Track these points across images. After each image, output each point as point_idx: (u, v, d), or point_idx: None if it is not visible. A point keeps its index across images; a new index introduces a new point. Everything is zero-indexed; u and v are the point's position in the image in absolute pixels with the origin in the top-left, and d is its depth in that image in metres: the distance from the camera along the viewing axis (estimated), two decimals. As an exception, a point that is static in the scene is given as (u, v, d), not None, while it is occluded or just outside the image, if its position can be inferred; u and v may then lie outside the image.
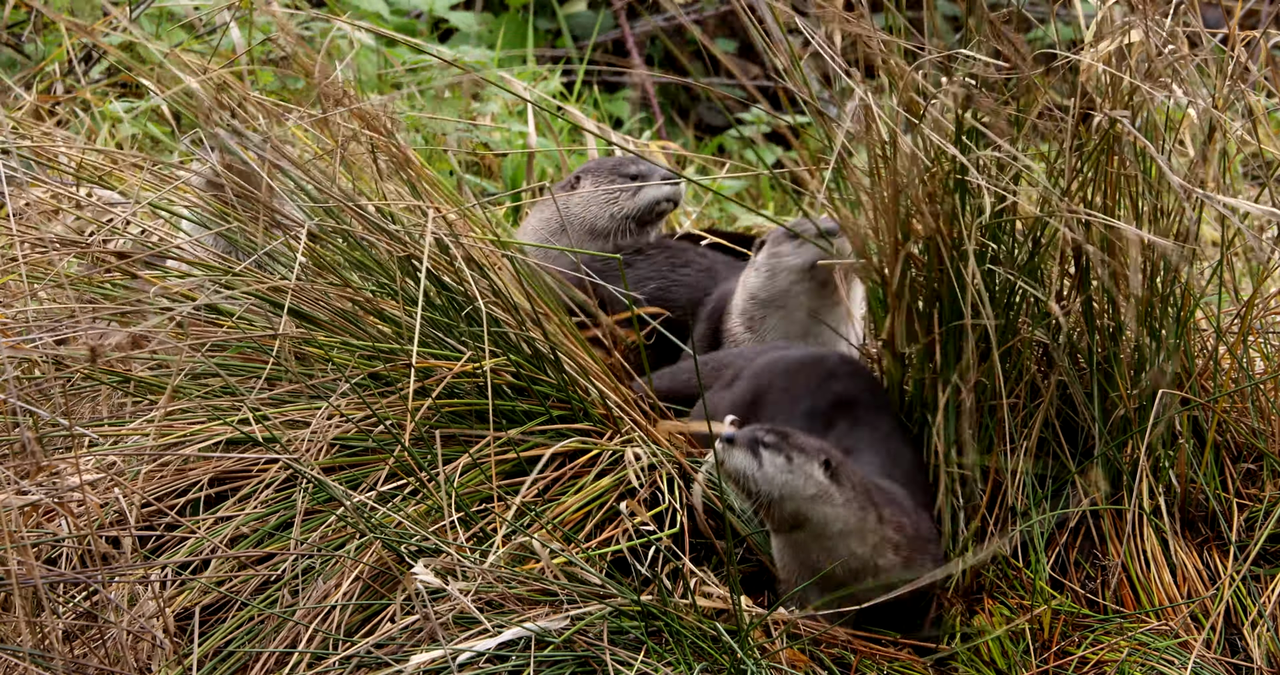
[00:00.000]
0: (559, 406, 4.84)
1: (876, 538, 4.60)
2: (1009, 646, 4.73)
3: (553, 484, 4.75)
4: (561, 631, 4.34)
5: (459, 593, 4.29)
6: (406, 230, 4.79)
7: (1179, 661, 4.67)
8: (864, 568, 4.61)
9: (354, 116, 4.86)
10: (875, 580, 4.62)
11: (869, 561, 4.61)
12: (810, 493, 4.54)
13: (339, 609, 4.44)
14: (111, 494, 4.54)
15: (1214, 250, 5.24)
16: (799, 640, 4.59)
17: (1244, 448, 4.98)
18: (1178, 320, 4.86)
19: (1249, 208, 4.55)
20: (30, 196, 4.89)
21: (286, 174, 4.84)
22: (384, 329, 4.83)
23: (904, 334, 4.90)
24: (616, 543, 4.65)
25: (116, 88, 7.33)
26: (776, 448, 4.53)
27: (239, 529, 4.60)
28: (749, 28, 4.89)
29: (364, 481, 4.66)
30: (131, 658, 4.41)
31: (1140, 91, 4.70)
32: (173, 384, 4.58)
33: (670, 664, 4.38)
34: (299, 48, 4.97)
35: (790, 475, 4.53)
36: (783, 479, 4.53)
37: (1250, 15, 4.93)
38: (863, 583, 4.62)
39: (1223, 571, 4.83)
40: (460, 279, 4.77)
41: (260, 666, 4.43)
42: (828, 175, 4.91)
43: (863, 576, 4.62)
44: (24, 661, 4.28)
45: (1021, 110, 4.81)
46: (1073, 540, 4.92)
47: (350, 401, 4.73)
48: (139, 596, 4.49)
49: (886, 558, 4.62)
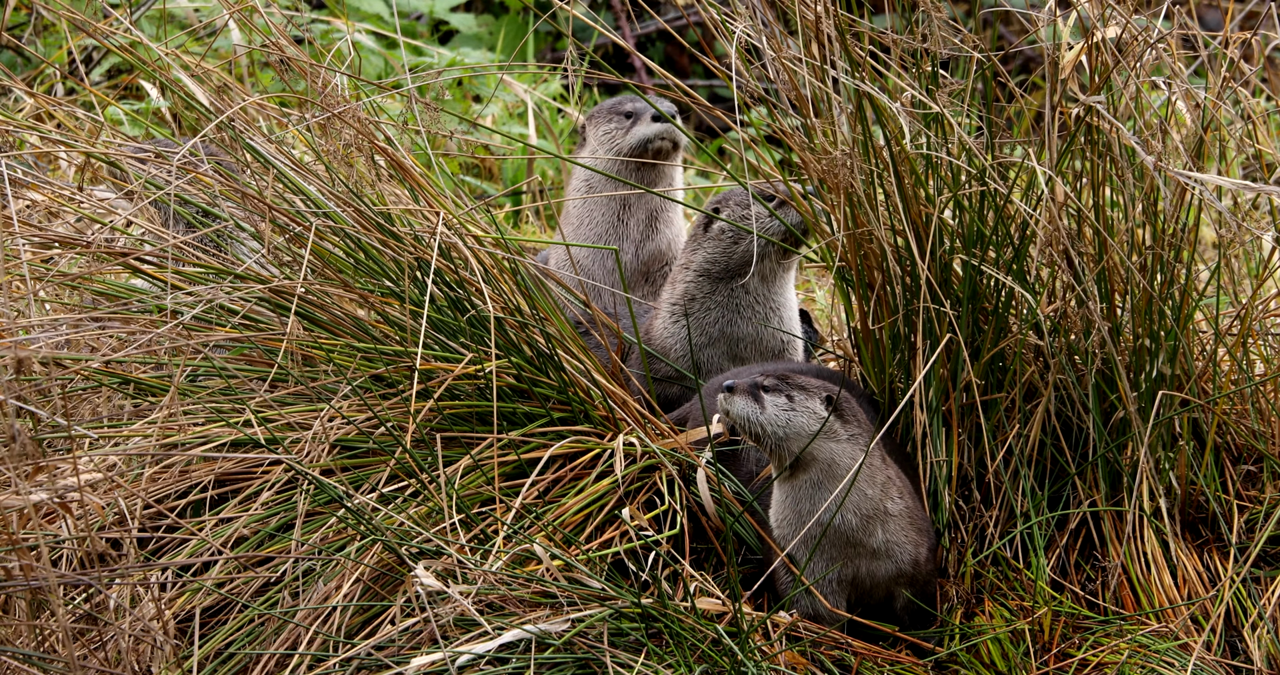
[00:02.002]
0: (560, 408, 4.84)
1: (883, 477, 4.66)
2: (1009, 648, 4.73)
3: (553, 486, 4.75)
4: (562, 634, 4.35)
5: (459, 595, 4.29)
6: (411, 233, 4.79)
7: (1179, 663, 4.67)
8: (875, 512, 4.65)
9: (353, 121, 4.86)
10: (885, 533, 4.65)
11: (879, 504, 4.65)
12: (814, 428, 4.60)
13: (339, 611, 4.44)
14: (112, 496, 4.54)
15: (1213, 252, 5.25)
16: (799, 642, 4.59)
17: (1244, 450, 4.98)
18: (1177, 320, 4.86)
19: (1220, 182, 4.55)
20: (30, 197, 4.89)
21: (285, 177, 4.85)
22: (386, 331, 4.84)
23: (872, 315, 4.95)
24: (617, 544, 4.65)
25: (117, 89, 7.33)
26: (777, 389, 4.61)
27: (240, 531, 4.60)
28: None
29: (365, 483, 4.66)
30: (132, 659, 4.41)
31: (1114, 78, 4.72)
32: (175, 385, 4.59)
33: (670, 666, 4.39)
34: (295, 50, 4.97)
35: (793, 413, 4.61)
36: (786, 418, 4.60)
37: (1253, 18, 4.94)
38: (872, 537, 4.65)
39: (1223, 573, 4.83)
40: (462, 281, 4.77)
41: (261, 668, 4.43)
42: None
43: (873, 526, 4.65)
44: (25, 664, 4.28)
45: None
46: (1073, 542, 4.92)
47: (352, 403, 4.73)
48: (140, 598, 4.49)
49: (894, 502, 4.67)
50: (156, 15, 7.50)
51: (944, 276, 4.88)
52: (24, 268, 4.61)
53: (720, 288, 5.24)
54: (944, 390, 4.90)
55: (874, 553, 4.67)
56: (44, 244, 4.79)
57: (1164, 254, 4.85)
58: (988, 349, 4.90)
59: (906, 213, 4.85)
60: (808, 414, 4.62)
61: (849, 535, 4.65)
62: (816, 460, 4.63)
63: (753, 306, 5.24)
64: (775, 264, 5.22)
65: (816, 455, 4.62)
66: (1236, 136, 4.87)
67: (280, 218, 4.79)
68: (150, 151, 4.91)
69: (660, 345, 5.28)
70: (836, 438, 4.64)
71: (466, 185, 7.49)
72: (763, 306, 5.24)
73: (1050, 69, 4.76)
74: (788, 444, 4.61)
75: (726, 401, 4.59)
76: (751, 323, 5.25)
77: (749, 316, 5.25)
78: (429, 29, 8.82)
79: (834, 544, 4.66)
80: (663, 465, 4.78)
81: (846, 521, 4.64)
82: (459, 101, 7.90)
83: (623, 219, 5.77)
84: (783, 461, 4.63)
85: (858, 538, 4.66)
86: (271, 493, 4.66)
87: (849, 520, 4.64)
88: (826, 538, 4.64)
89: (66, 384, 4.74)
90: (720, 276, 5.24)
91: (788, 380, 4.63)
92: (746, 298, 5.24)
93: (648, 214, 5.77)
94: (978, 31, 4.86)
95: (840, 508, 4.63)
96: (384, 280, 4.84)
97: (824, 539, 4.64)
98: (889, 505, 4.66)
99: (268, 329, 4.79)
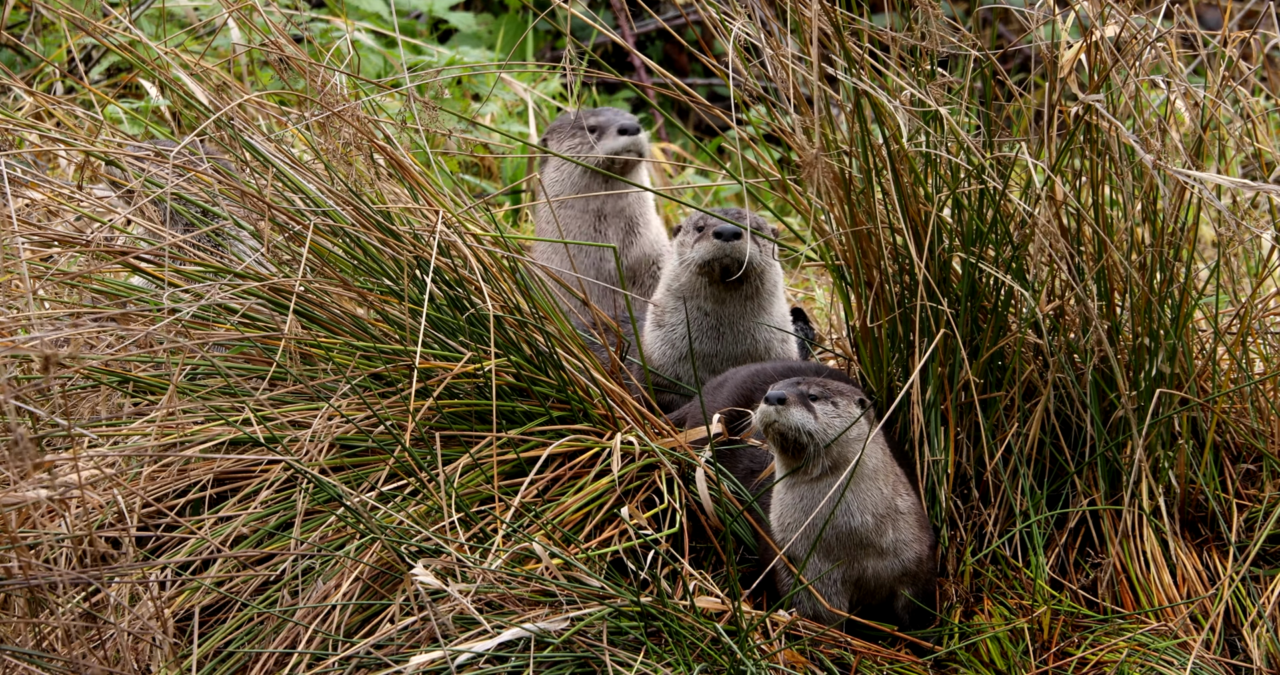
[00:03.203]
0: (559, 407, 4.84)
1: (893, 476, 4.71)
2: (1009, 647, 4.73)
3: (552, 484, 4.75)
4: (561, 632, 4.34)
5: (459, 593, 4.29)
6: (411, 231, 4.79)
7: (1178, 662, 4.67)
8: (888, 511, 4.68)
9: (352, 120, 4.86)
10: (895, 532, 4.68)
11: (891, 502, 4.68)
12: (855, 434, 4.66)
13: (339, 609, 4.43)
14: (111, 494, 4.54)
15: (1213, 251, 5.25)
16: (798, 641, 4.59)
17: (1243, 448, 4.98)
18: (1176, 319, 4.86)
19: (1220, 180, 4.55)
20: (30, 196, 4.89)
21: (285, 175, 4.84)
22: (385, 329, 4.83)
23: (869, 313, 4.95)
24: (616, 543, 4.65)
25: (116, 88, 7.33)
26: (824, 397, 4.67)
27: (239, 529, 4.60)
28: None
29: (364, 482, 4.66)
30: (131, 658, 4.41)
31: (1113, 77, 4.73)
32: (174, 384, 4.58)
33: (670, 665, 4.38)
34: (293, 51, 4.97)
35: (839, 420, 4.66)
36: (837, 425, 4.65)
37: (1252, 17, 4.93)
38: (884, 536, 4.67)
39: (1222, 572, 4.83)
40: (462, 280, 4.77)
41: (260, 667, 4.43)
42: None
43: (885, 525, 4.68)
44: (25, 662, 4.28)
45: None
46: (1072, 541, 4.92)
47: (351, 402, 4.73)
48: (139, 596, 4.49)
49: (903, 499, 4.71)
50: (156, 14, 7.49)
51: (943, 275, 4.88)
52: (23, 267, 4.61)
53: (683, 305, 5.23)
54: (942, 388, 4.90)
55: (882, 552, 4.68)
56: (43, 243, 4.79)
57: (1163, 253, 4.85)
58: (986, 347, 4.90)
59: (905, 211, 4.85)
60: (848, 419, 4.67)
61: (864, 537, 4.67)
62: (848, 462, 4.66)
63: (717, 328, 5.24)
64: (721, 291, 5.20)
65: (849, 457, 4.65)
66: (1236, 135, 4.87)
67: (279, 216, 4.79)
68: (150, 150, 4.91)
69: (647, 352, 5.29)
70: (865, 439, 4.68)
71: (466, 183, 7.49)
72: (729, 329, 5.24)
73: (1049, 67, 4.76)
74: (828, 449, 4.65)
75: (779, 413, 4.61)
76: (719, 342, 5.25)
77: (714, 336, 5.25)
78: (428, 28, 8.81)
79: (844, 545, 4.67)
80: (662, 464, 4.78)
81: (864, 522, 4.66)
82: (458, 100, 7.90)
83: (600, 229, 5.75)
84: (814, 466, 4.65)
85: (871, 539, 4.68)
86: (271, 491, 4.66)
87: (866, 521, 4.67)
88: (839, 540, 4.66)
89: (66, 383, 4.74)
90: (680, 294, 5.23)
91: (828, 387, 4.68)
92: (707, 319, 5.24)
93: (625, 221, 5.76)
94: (976, 30, 4.86)
95: (860, 509, 4.66)
96: (383, 279, 4.84)
97: (837, 541, 4.66)
98: (899, 502, 4.68)
99: (267, 327, 4.78)
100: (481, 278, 4.76)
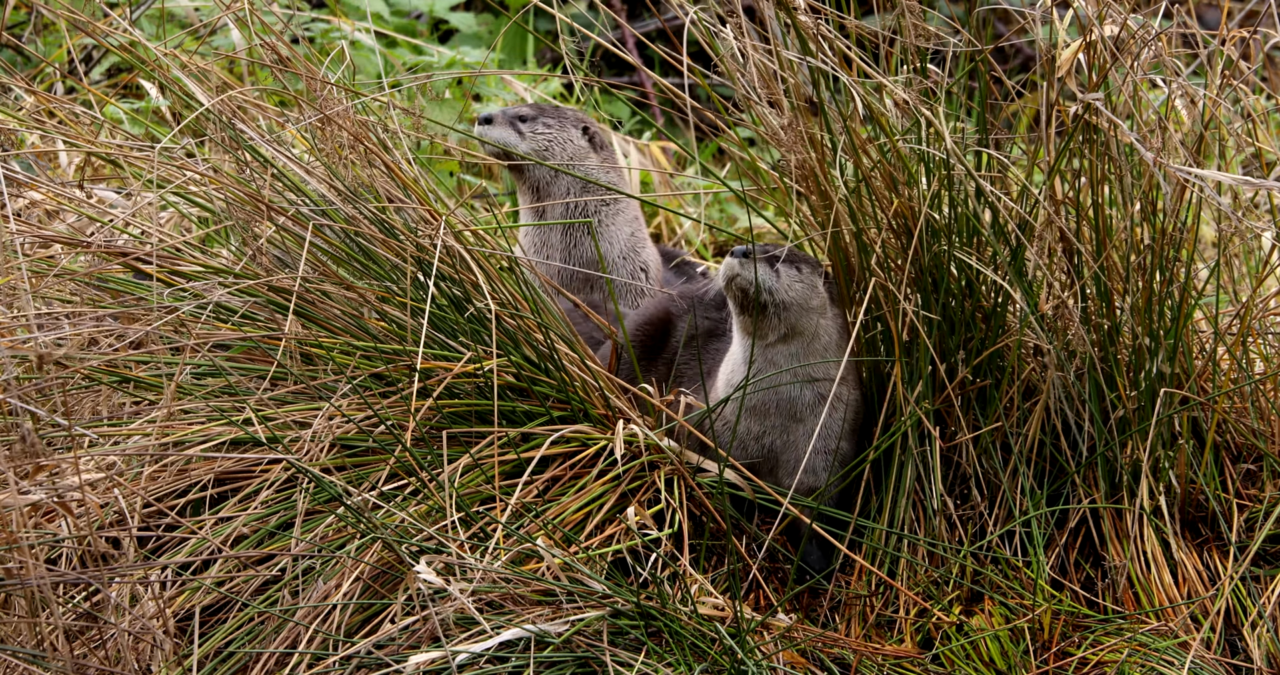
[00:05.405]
0: (559, 407, 4.84)
1: (847, 365, 4.83)
2: (1009, 646, 4.73)
3: (552, 483, 4.75)
4: (561, 632, 4.35)
5: (459, 593, 4.30)
6: (412, 232, 4.80)
7: (1179, 662, 4.67)
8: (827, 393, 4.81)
9: (348, 123, 4.87)
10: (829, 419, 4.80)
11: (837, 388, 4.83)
12: (815, 304, 4.80)
13: (339, 609, 4.44)
14: (112, 494, 4.54)
15: (1213, 251, 5.25)
16: (798, 642, 4.60)
17: (1244, 448, 4.98)
18: (1176, 319, 4.86)
19: (1220, 177, 4.55)
20: (30, 196, 4.90)
21: (285, 175, 4.85)
22: (386, 328, 4.84)
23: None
24: (617, 541, 4.66)
25: (116, 88, 7.34)
26: (789, 261, 4.77)
27: (240, 529, 4.61)
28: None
29: (365, 482, 4.66)
30: (132, 658, 4.41)
31: (1112, 76, 4.73)
32: (174, 383, 4.59)
33: (670, 665, 4.39)
34: (290, 51, 4.98)
35: (801, 285, 4.77)
36: (797, 289, 4.77)
37: (1252, 16, 4.94)
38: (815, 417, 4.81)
39: (1222, 572, 4.83)
40: (462, 279, 4.78)
41: (260, 667, 4.43)
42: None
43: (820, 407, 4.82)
44: (24, 662, 4.28)
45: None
46: (1073, 540, 4.92)
47: (352, 402, 4.73)
48: (139, 597, 4.49)
49: (850, 389, 4.86)
50: (156, 14, 7.50)
51: (940, 274, 4.87)
52: (22, 266, 4.61)
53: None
54: (940, 387, 4.90)
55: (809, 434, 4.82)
56: (42, 243, 4.79)
57: (1163, 252, 4.85)
58: (984, 347, 4.89)
59: (876, 207, 4.86)
60: (812, 288, 4.79)
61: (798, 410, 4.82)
62: (804, 333, 4.79)
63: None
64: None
65: (805, 328, 4.79)
66: (1236, 135, 4.87)
67: (279, 216, 4.80)
68: (149, 149, 4.92)
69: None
70: (825, 314, 4.82)
71: (467, 183, 7.50)
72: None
73: (1047, 65, 4.76)
74: (785, 312, 4.77)
75: (742, 267, 4.72)
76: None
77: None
78: (429, 28, 8.82)
79: (780, 412, 4.82)
80: (661, 465, 4.79)
81: (803, 394, 4.81)
82: (459, 100, 7.90)
83: (541, 230, 5.63)
84: (771, 329, 4.75)
85: (803, 414, 4.82)
86: (271, 491, 4.66)
87: (804, 393, 4.82)
88: (778, 406, 4.81)
89: (66, 382, 4.74)
90: None
91: (795, 253, 4.79)
92: None
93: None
94: (974, 29, 4.86)
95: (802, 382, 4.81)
96: (385, 281, 4.84)
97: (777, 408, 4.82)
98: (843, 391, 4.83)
99: (266, 327, 4.79)
100: (482, 277, 4.77)
